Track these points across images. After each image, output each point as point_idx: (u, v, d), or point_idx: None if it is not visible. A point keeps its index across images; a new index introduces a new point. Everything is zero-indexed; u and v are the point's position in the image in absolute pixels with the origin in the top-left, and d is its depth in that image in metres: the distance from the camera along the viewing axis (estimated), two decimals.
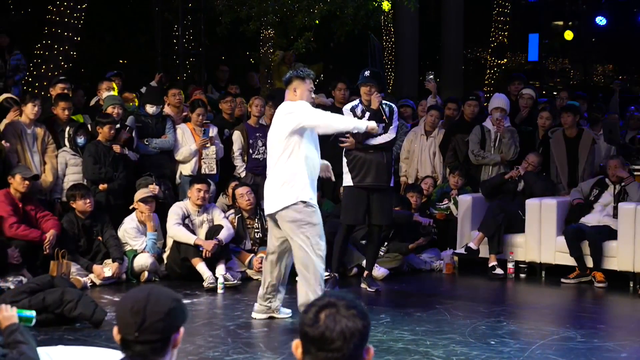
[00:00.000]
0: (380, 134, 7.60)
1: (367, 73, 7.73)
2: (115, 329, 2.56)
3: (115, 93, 9.50)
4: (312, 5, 11.70)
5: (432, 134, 9.95)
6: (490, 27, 20.51)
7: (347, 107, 7.81)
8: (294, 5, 11.83)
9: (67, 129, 8.62)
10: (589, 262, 8.35)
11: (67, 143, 8.62)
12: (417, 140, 9.96)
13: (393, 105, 7.84)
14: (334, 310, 2.23)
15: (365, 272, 7.95)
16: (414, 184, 9.64)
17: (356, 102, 7.79)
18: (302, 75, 6.37)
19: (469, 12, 17.88)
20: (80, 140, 8.56)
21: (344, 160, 7.72)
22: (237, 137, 9.44)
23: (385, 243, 8.70)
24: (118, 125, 8.83)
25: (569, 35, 21.74)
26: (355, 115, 7.63)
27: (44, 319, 6.18)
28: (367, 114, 7.57)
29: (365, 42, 16.63)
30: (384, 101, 7.77)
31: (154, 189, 8.46)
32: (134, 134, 9.01)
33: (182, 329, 2.59)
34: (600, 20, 21.81)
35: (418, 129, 10.08)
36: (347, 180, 7.70)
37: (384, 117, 7.63)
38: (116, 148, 8.61)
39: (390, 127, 7.67)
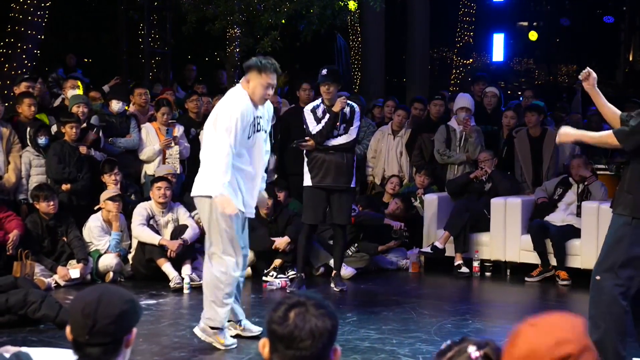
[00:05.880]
0: (340, 135, 7.60)
1: (324, 72, 7.63)
2: (67, 329, 2.55)
3: (80, 92, 9.42)
4: (278, 4, 11.68)
5: (399, 134, 9.98)
6: (456, 27, 20.63)
7: (308, 108, 7.77)
8: (260, 5, 11.81)
9: (28, 129, 8.53)
10: (552, 259, 8.45)
11: (29, 143, 8.54)
12: (385, 140, 10.00)
13: (355, 106, 7.79)
14: (304, 309, 2.23)
15: (334, 272, 7.96)
16: (402, 193, 9.55)
17: (318, 102, 7.75)
18: (260, 66, 5.63)
19: (434, 12, 17.96)
20: (41, 140, 8.47)
21: (305, 160, 7.71)
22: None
23: (355, 244, 8.73)
24: (85, 125, 8.76)
25: (533, 35, 21.92)
26: (316, 115, 7.59)
27: (7, 321, 6.13)
28: (327, 115, 7.55)
29: (331, 42, 16.65)
30: (347, 101, 7.74)
31: (116, 178, 8.41)
32: (101, 134, 8.94)
33: (134, 330, 2.58)
34: (565, 21, 22.05)
35: (385, 129, 10.11)
36: (307, 180, 7.70)
37: (345, 117, 7.60)
38: (82, 149, 8.53)
39: (351, 128, 7.64)
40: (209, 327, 5.76)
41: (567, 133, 4.99)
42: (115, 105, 9.18)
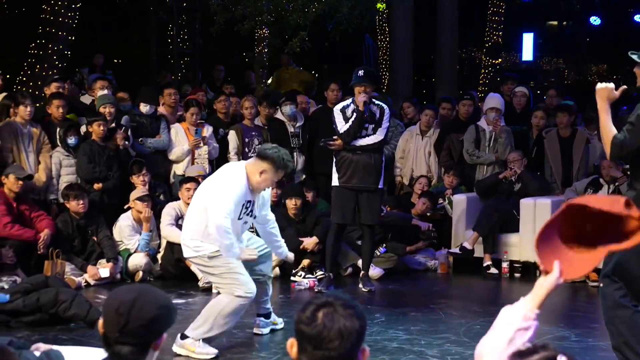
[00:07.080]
0: (368, 135, 7.59)
1: (360, 73, 7.62)
2: (100, 322, 2.58)
3: None
4: (306, 4, 11.70)
5: (428, 134, 9.95)
6: (484, 26, 20.52)
7: (337, 107, 7.77)
8: (289, 5, 11.84)
9: (58, 129, 8.61)
10: None
11: (59, 143, 8.61)
12: (413, 140, 9.97)
13: (384, 106, 7.77)
14: (332, 309, 2.22)
15: (362, 272, 7.95)
16: (429, 191, 9.54)
17: (348, 102, 7.75)
18: (281, 165, 5.59)
19: (463, 11, 17.87)
20: (71, 140, 8.54)
21: (334, 159, 7.72)
22: (232, 136, 9.44)
23: (383, 245, 8.71)
24: (113, 125, 8.83)
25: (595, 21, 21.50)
26: (345, 115, 7.59)
27: (38, 319, 6.19)
28: (355, 115, 7.55)
29: (360, 42, 16.64)
30: (376, 102, 7.73)
31: (144, 178, 8.46)
32: (129, 134, 9.00)
33: (164, 335, 2.60)
34: (595, 20, 21.86)
35: (414, 129, 10.08)
36: (335, 180, 7.71)
37: (374, 117, 7.60)
38: (119, 140, 8.61)
39: (379, 129, 7.63)
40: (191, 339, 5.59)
41: (604, 101, 4.71)
42: (144, 108, 9.24)
